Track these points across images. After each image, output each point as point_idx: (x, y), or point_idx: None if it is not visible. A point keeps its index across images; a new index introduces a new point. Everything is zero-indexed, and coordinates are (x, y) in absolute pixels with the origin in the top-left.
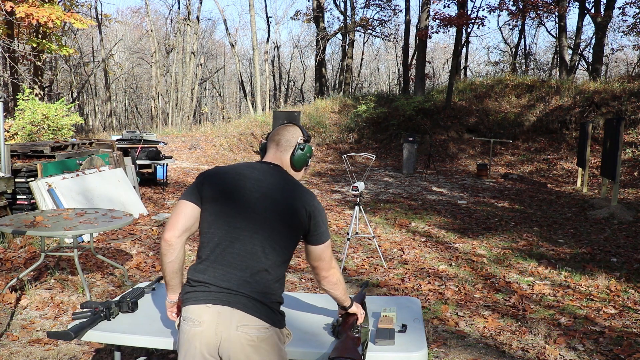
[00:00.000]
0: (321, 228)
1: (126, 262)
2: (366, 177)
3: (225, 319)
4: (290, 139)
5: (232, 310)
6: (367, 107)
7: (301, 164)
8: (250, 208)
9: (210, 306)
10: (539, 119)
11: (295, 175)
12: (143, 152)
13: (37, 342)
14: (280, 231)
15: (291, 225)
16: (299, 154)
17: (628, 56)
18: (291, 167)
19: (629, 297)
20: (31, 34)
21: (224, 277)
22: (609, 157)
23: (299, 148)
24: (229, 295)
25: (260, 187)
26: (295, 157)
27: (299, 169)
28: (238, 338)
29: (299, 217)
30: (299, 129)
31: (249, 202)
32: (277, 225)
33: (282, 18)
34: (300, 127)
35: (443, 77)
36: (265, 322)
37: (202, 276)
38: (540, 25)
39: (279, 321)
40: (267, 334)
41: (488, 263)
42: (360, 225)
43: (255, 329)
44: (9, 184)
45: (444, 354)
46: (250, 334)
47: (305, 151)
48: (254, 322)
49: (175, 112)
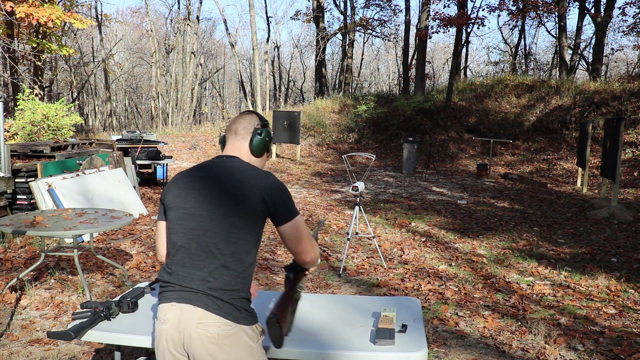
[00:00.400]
0: (281, 207)
1: (126, 262)
2: (366, 177)
3: (187, 317)
4: (248, 125)
5: (193, 308)
6: (367, 107)
7: (261, 149)
8: (200, 207)
9: (174, 304)
10: (539, 119)
11: (257, 162)
12: (143, 152)
13: (37, 342)
14: (232, 223)
15: (243, 214)
16: (257, 139)
17: (628, 56)
18: (252, 154)
19: (629, 297)
20: (31, 34)
21: (185, 277)
22: (609, 157)
23: (256, 134)
24: (190, 293)
25: (209, 184)
26: (254, 143)
27: (259, 154)
28: (198, 335)
29: (249, 203)
30: (256, 115)
31: (199, 202)
32: (228, 218)
33: (282, 18)
34: (256, 113)
35: (443, 77)
36: (226, 320)
37: (168, 277)
38: (540, 25)
39: (245, 318)
40: (230, 331)
41: (488, 263)
42: (360, 225)
43: (216, 326)
44: (9, 184)
45: (444, 354)
46: (211, 332)
47: (263, 136)
48: (214, 319)
49: (175, 112)
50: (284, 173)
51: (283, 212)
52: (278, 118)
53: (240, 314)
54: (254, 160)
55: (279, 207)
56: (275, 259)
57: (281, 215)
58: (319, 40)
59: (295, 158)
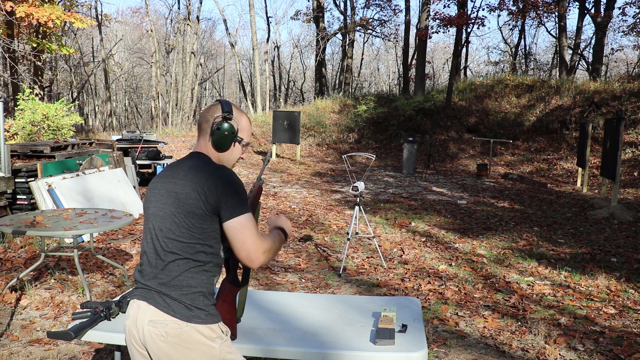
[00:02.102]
0: (224, 204)
1: (126, 262)
2: (366, 177)
3: (142, 314)
4: (210, 118)
5: (147, 306)
6: (367, 107)
7: (222, 143)
8: (156, 207)
9: (135, 301)
10: (539, 119)
11: (225, 156)
12: (143, 152)
13: (37, 342)
14: (179, 222)
15: (188, 211)
16: (216, 134)
17: (628, 56)
18: (215, 149)
19: (629, 297)
20: (31, 34)
21: (145, 275)
22: (609, 157)
23: (215, 129)
24: (146, 291)
25: (165, 183)
26: (214, 138)
27: (221, 149)
28: (150, 333)
29: (192, 199)
30: (220, 106)
31: (156, 201)
32: (176, 217)
33: (282, 18)
34: (222, 102)
35: (443, 77)
36: (174, 318)
37: (135, 274)
38: (540, 25)
39: (197, 317)
40: (178, 330)
41: (488, 263)
42: (360, 225)
43: (164, 324)
44: (9, 184)
45: (444, 354)
46: (159, 330)
47: (222, 129)
48: (163, 317)
49: (175, 112)
50: (284, 173)
51: (227, 208)
52: (278, 118)
53: (191, 312)
54: (221, 156)
55: (223, 203)
56: (275, 259)
57: (225, 211)
58: (319, 40)
59: (295, 158)
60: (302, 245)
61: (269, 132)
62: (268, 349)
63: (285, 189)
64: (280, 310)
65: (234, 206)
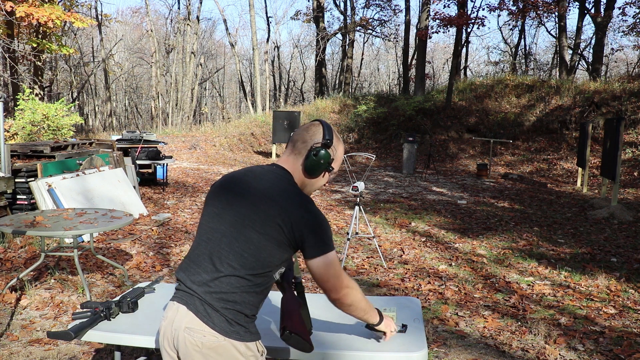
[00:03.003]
0: (310, 241)
1: (126, 262)
2: (366, 177)
3: (180, 318)
4: (308, 140)
5: (186, 311)
6: (367, 107)
7: (313, 171)
8: (227, 209)
9: (174, 303)
10: (539, 119)
11: (310, 182)
12: (143, 152)
13: (37, 342)
14: (252, 238)
15: (263, 233)
16: (311, 159)
17: (628, 56)
18: (303, 173)
19: (629, 297)
20: (31, 34)
21: (192, 276)
22: (609, 157)
23: (312, 154)
24: (189, 295)
25: (244, 189)
26: (307, 163)
27: (311, 175)
28: (184, 339)
29: (273, 225)
30: (321, 130)
31: (229, 204)
32: (247, 231)
33: (282, 18)
34: (324, 125)
35: (443, 77)
36: (213, 330)
37: (180, 274)
38: (540, 25)
39: (236, 333)
40: (215, 343)
41: (488, 263)
42: (360, 225)
43: (201, 334)
44: (9, 184)
45: (444, 354)
46: (195, 339)
47: (318, 157)
48: (201, 327)
49: (175, 112)
50: None
51: (311, 246)
52: (278, 118)
53: (231, 327)
54: (307, 181)
55: (307, 241)
56: None
57: (309, 249)
58: (319, 40)
59: None
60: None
61: (269, 132)
62: (268, 349)
63: None
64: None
65: (316, 245)
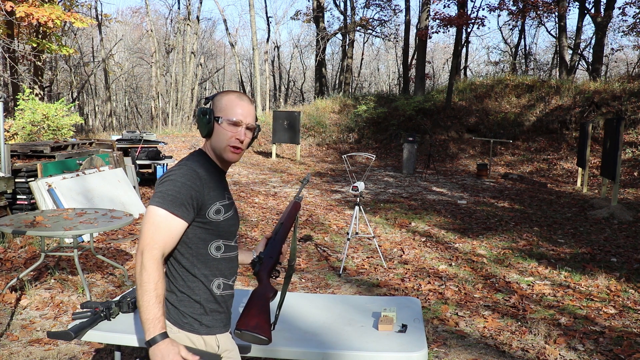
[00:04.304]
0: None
1: (126, 262)
2: (366, 177)
3: None
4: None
5: None
6: (367, 107)
7: (202, 128)
8: None
9: None
10: (539, 119)
11: (212, 143)
12: (143, 152)
13: (37, 342)
14: None
15: None
16: (198, 122)
17: (628, 56)
18: (203, 137)
19: (629, 297)
20: (31, 34)
21: None
22: (609, 157)
23: (195, 117)
24: None
25: None
26: (198, 127)
27: (204, 135)
28: None
29: None
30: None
31: None
32: None
33: (282, 18)
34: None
35: (443, 77)
36: (168, 322)
37: None
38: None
39: (190, 325)
40: (171, 334)
41: (488, 263)
42: (360, 225)
43: (167, 328)
44: (9, 184)
45: (444, 354)
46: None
47: (198, 114)
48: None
49: (175, 112)
50: (284, 173)
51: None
52: (278, 118)
53: (184, 319)
54: (209, 143)
55: None
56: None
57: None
58: (319, 40)
59: (295, 158)
60: (302, 245)
61: (269, 132)
62: (268, 348)
63: (285, 189)
64: (281, 310)
65: (152, 197)
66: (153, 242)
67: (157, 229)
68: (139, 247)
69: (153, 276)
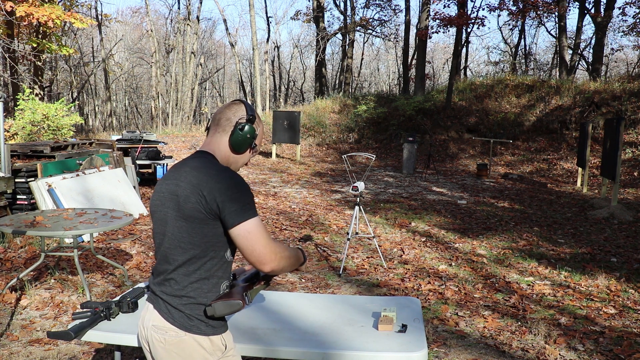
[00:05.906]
0: (230, 208)
1: (126, 262)
2: (366, 177)
3: (149, 317)
4: (232, 117)
5: (153, 309)
6: (367, 107)
7: (239, 145)
8: (160, 210)
9: (146, 303)
10: (539, 119)
11: (237, 159)
12: (143, 152)
13: (37, 342)
14: (181, 226)
15: (188, 216)
16: (237, 134)
17: (628, 56)
18: (230, 149)
19: (629, 297)
20: (31, 34)
21: (154, 278)
22: (609, 157)
23: (238, 128)
24: (154, 295)
25: (169, 185)
26: (233, 138)
27: (238, 151)
28: (151, 336)
29: (191, 202)
30: (243, 107)
31: (160, 205)
32: (178, 221)
33: (282, 18)
34: (246, 104)
35: (443, 77)
36: (173, 326)
37: (150, 276)
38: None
39: (197, 327)
40: (176, 338)
41: (488, 263)
42: (360, 225)
43: (163, 331)
44: (9, 184)
45: (444, 354)
46: (159, 336)
47: (245, 132)
48: (162, 323)
49: (175, 112)
50: (284, 173)
51: (230, 213)
52: (278, 118)
53: (190, 322)
54: (232, 157)
55: (226, 208)
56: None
57: (228, 217)
58: (319, 40)
59: (295, 158)
60: (302, 245)
61: (269, 132)
62: (268, 348)
63: (285, 189)
64: (280, 310)
65: (238, 211)
66: (269, 244)
67: (266, 233)
68: (266, 259)
69: (287, 253)
